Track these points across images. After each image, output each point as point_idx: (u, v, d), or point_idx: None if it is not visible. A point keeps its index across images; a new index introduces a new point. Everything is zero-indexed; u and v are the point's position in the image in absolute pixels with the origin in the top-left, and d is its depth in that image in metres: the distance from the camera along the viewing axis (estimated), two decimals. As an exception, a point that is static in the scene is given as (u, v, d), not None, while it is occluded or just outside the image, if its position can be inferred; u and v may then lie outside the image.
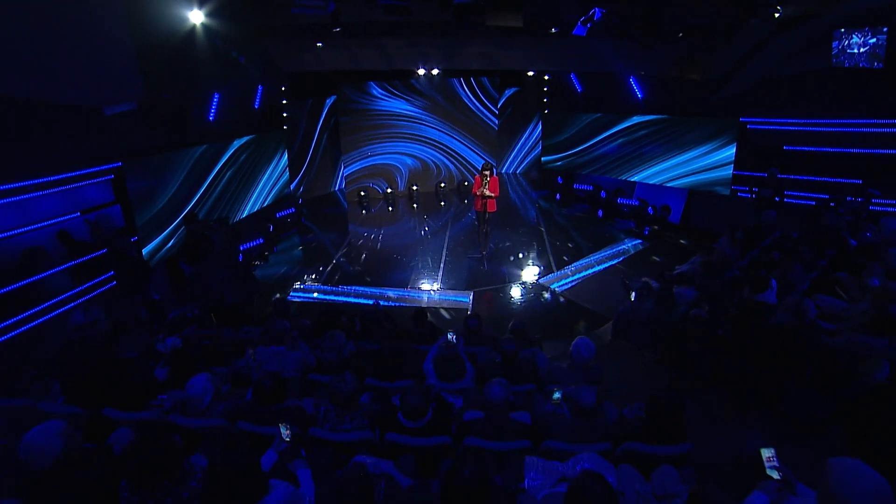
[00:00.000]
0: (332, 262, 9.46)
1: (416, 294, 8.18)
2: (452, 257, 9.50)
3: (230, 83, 8.58)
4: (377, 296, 8.10)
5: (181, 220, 7.39)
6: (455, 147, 13.67)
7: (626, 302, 6.83)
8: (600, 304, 7.73)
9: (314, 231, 11.41)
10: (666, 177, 11.04)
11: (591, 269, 8.93)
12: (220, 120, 8.77)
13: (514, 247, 9.96)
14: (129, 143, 6.77)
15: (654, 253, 9.59)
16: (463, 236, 10.50)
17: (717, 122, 9.77)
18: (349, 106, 12.55)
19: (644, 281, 6.94)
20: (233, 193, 9.54)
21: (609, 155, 12.04)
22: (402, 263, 9.30)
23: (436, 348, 4.56)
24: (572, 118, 12.69)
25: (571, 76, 12.25)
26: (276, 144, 11.20)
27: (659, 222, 11.12)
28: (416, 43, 10.22)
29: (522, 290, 8.28)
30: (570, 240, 10.34)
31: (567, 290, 8.24)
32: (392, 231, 11.19)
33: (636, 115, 11.20)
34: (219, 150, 8.90)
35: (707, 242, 9.37)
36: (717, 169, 10.04)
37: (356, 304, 7.92)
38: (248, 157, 9.97)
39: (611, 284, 8.24)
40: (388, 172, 13.50)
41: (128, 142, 6.72)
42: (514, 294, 8.17)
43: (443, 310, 7.65)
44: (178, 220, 7.71)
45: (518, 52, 10.20)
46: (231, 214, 9.54)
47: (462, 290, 8.21)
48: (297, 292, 8.36)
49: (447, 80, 12.83)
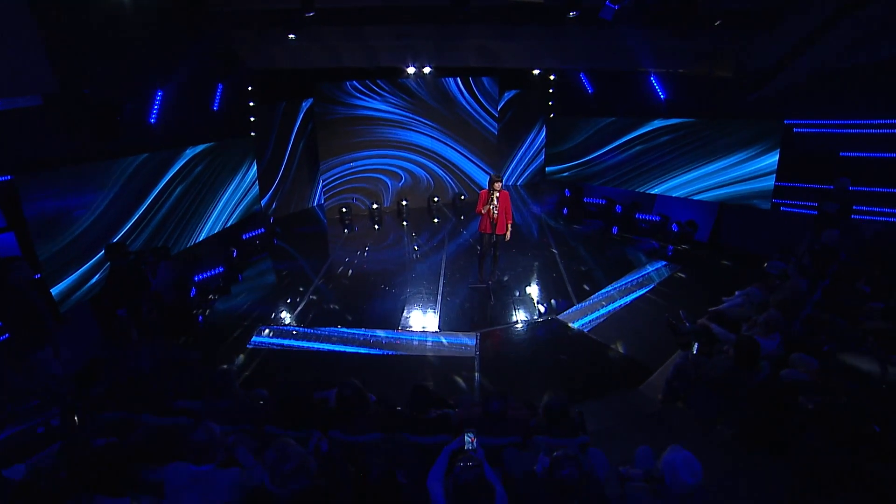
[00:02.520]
0: (307, 296, 7.83)
1: (410, 337, 6.60)
2: (452, 287, 7.95)
3: (178, 79, 6.99)
4: (361, 340, 6.50)
5: (105, 252, 5.71)
6: (449, 156, 12.15)
7: (682, 351, 5.35)
8: (636, 347, 6.25)
9: (288, 255, 9.78)
10: (692, 189, 9.66)
11: (617, 301, 7.44)
12: (167, 124, 7.16)
13: (524, 273, 8.44)
14: (27, 150, 5.13)
15: (685, 279, 8.14)
16: (462, 260, 8.96)
17: (757, 125, 8.42)
18: (328, 109, 10.98)
19: (701, 324, 5.47)
20: (185, 213, 7.90)
21: (625, 164, 10.65)
22: (390, 297, 7.71)
23: (446, 457, 3.02)
24: (581, 123, 11.31)
25: (581, 75, 10.86)
26: (243, 154, 9.60)
27: (685, 241, 9.72)
28: (405, 34, 8.73)
29: (539, 329, 6.75)
30: (587, 263, 8.86)
31: (593, 328, 6.73)
32: (378, 255, 9.61)
33: (657, 118, 9.84)
34: (165, 160, 7.28)
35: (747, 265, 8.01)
36: (755, 179, 8.68)
37: (334, 352, 6.31)
38: (205, 169, 8.34)
39: (644, 319, 6.79)
40: (373, 185, 11.93)
41: (24, 149, 5.07)
42: (530, 335, 6.63)
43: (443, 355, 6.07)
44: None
45: (523, 44, 8.76)
46: (183, 239, 7.89)
47: (465, 332, 6.66)
48: (261, 336, 6.72)
49: (440, 79, 11.36)
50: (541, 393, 5.46)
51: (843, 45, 7.07)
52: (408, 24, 8.29)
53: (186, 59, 6.98)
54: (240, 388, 4.30)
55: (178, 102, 7.30)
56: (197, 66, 7.55)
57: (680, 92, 9.58)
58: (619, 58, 9.00)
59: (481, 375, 5.73)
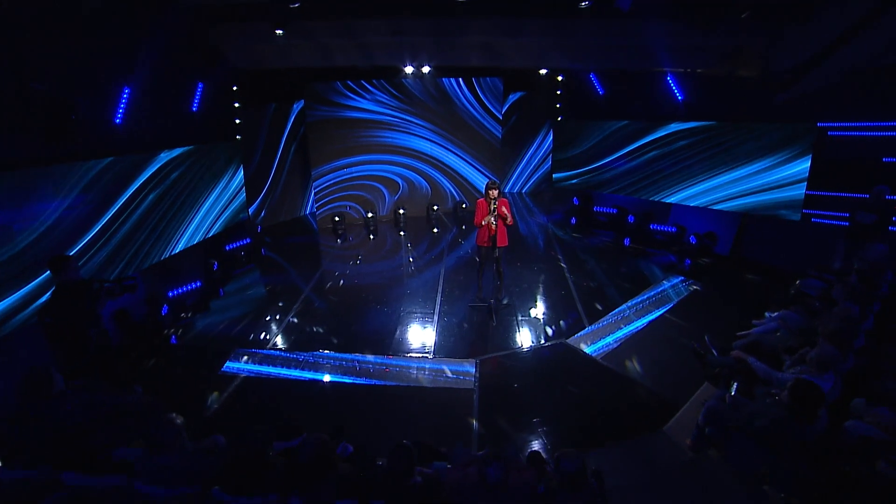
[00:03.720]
0: (290, 315, 7.12)
1: (401, 364, 5.86)
2: (450, 306, 7.21)
3: (149, 75, 6.34)
4: (346, 367, 5.78)
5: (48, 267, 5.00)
6: (450, 162, 11.44)
7: (715, 390, 4.60)
8: (656, 378, 5.49)
9: (275, 268, 9.09)
10: (712, 198, 8.91)
11: (632, 322, 6.69)
12: (136, 125, 6.50)
13: (529, 290, 7.70)
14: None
15: (706, 296, 7.38)
16: (461, 275, 8.23)
17: (786, 128, 7.67)
18: (320, 112, 10.32)
19: (736, 357, 4.71)
20: (158, 222, 7.21)
21: (638, 171, 9.91)
22: (381, 316, 6.99)
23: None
24: (591, 127, 10.59)
25: (591, 76, 10.17)
26: (228, 159, 8.94)
27: (704, 254, 8.96)
28: (400, 30, 8.06)
29: (546, 355, 6.00)
30: (598, 278, 8.11)
31: (606, 354, 5.98)
32: (371, 268, 8.90)
33: (674, 121, 9.11)
34: (134, 164, 6.61)
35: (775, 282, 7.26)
36: (783, 188, 7.92)
37: (317, 382, 5.58)
38: (183, 175, 7.67)
39: (664, 344, 6.05)
40: (368, 193, 11.23)
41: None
42: (535, 362, 5.89)
43: (438, 385, 5.32)
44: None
45: (529, 41, 8.06)
46: (156, 250, 7.21)
47: (464, 358, 5.92)
48: (237, 361, 6.01)
49: (440, 80, 10.68)
50: (549, 432, 4.78)
51: (885, 40, 6.34)
52: (403, 17, 7.63)
53: (158, 53, 6.32)
54: (197, 433, 3.58)
55: (149, 101, 6.65)
56: (171, 61, 6.91)
57: (699, 93, 8.86)
58: (633, 56, 8.30)
59: (480, 412, 4.99)
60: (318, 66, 9.26)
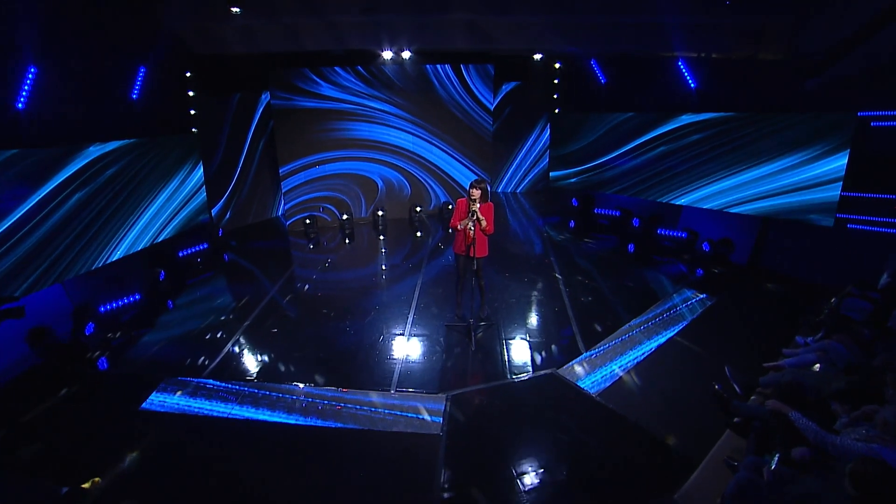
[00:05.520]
0: (237, 335, 6.13)
1: (358, 398, 4.85)
2: (423, 325, 6.19)
3: (69, 54, 5.36)
4: (289, 403, 4.77)
5: None
6: (435, 159, 10.41)
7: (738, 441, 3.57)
8: (666, 423, 4.43)
9: (235, 276, 8.10)
10: (728, 199, 7.85)
11: (637, 346, 5.65)
12: (52, 112, 5.53)
13: (517, 306, 6.66)
14: None
15: (723, 313, 6.33)
16: (441, 287, 7.20)
17: (818, 119, 6.60)
18: (287, 101, 9.32)
19: (774, 410, 3.65)
20: (88, 227, 6.25)
21: (644, 169, 8.87)
22: (340, 338, 5.98)
23: None
24: (592, 120, 9.55)
25: (592, 62, 9.11)
26: (182, 154, 7.96)
27: (719, 263, 7.91)
28: (373, 6, 7.06)
29: (531, 390, 4.97)
30: (597, 292, 7.08)
31: (605, 389, 4.94)
32: (339, 278, 7.90)
33: (686, 113, 8.05)
34: (50, 160, 5.63)
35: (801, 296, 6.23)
36: (813, 188, 6.85)
37: (253, 423, 4.58)
38: (121, 173, 6.71)
39: (674, 377, 5.02)
40: (343, 193, 10.23)
41: None
42: (518, 399, 4.85)
43: (397, 430, 4.30)
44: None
45: (520, 19, 7.04)
46: (85, 259, 6.24)
47: (432, 393, 4.89)
48: (163, 393, 5.02)
49: (424, 66, 9.65)
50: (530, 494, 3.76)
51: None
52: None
53: (83, 28, 5.35)
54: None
55: (70, 86, 5.68)
56: (103, 39, 5.94)
57: (715, 80, 7.80)
58: (639, 38, 7.29)
59: (446, 465, 3.97)
60: (286, 50, 8.28)
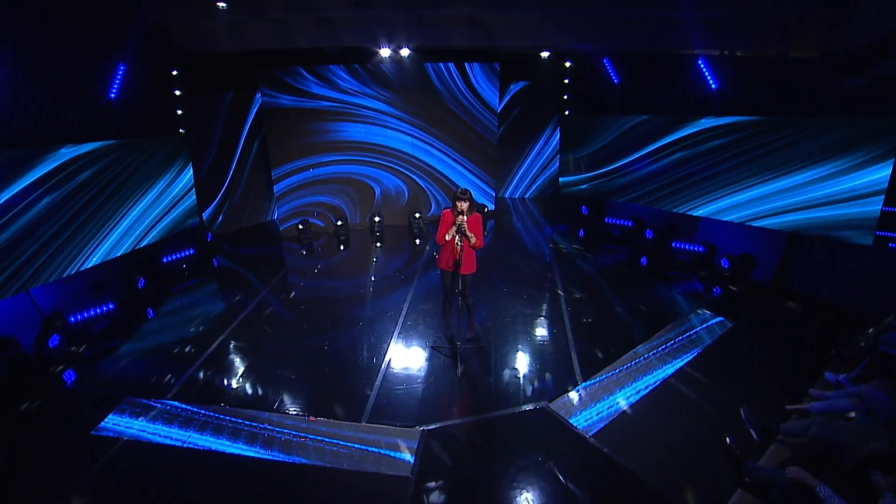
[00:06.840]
0: (208, 350, 5.74)
1: (324, 430, 4.39)
2: (405, 346, 5.69)
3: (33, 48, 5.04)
4: (250, 433, 4.34)
5: None
6: (435, 162, 9.91)
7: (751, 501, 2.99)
8: (670, 475, 3.84)
9: (223, 284, 7.75)
10: (751, 212, 7.15)
11: (640, 378, 5.05)
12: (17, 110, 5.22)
13: (512, 326, 6.10)
14: None
15: (740, 339, 5.69)
16: (431, 304, 6.68)
17: (857, 123, 5.87)
18: (279, 100, 8.94)
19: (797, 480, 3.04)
20: (59, 232, 5.95)
21: (659, 177, 8.21)
22: (318, 358, 5.53)
23: None
24: (604, 123, 8.93)
25: (605, 60, 8.48)
26: (168, 156, 7.65)
27: (739, 281, 7.21)
28: (368, 1, 6.60)
29: (517, 428, 4.43)
30: (602, 311, 6.48)
31: (602, 430, 4.36)
32: (325, 290, 7.45)
33: (706, 116, 7.37)
34: (14, 162, 5.33)
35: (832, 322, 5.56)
36: (850, 202, 6.12)
37: (209, 453, 4.15)
38: (99, 175, 6.41)
39: (682, 420, 4.43)
40: (338, 198, 9.80)
41: None
42: (500, 438, 4.31)
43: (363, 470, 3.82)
44: None
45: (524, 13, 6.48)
46: (55, 265, 5.94)
47: (406, 426, 4.40)
48: (120, 415, 4.66)
49: (425, 64, 9.16)
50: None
51: None
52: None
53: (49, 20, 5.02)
54: None
55: (40, 84, 5.36)
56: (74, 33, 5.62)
57: (739, 80, 7.12)
58: (655, 34, 6.66)
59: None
60: (277, 47, 7.89)
